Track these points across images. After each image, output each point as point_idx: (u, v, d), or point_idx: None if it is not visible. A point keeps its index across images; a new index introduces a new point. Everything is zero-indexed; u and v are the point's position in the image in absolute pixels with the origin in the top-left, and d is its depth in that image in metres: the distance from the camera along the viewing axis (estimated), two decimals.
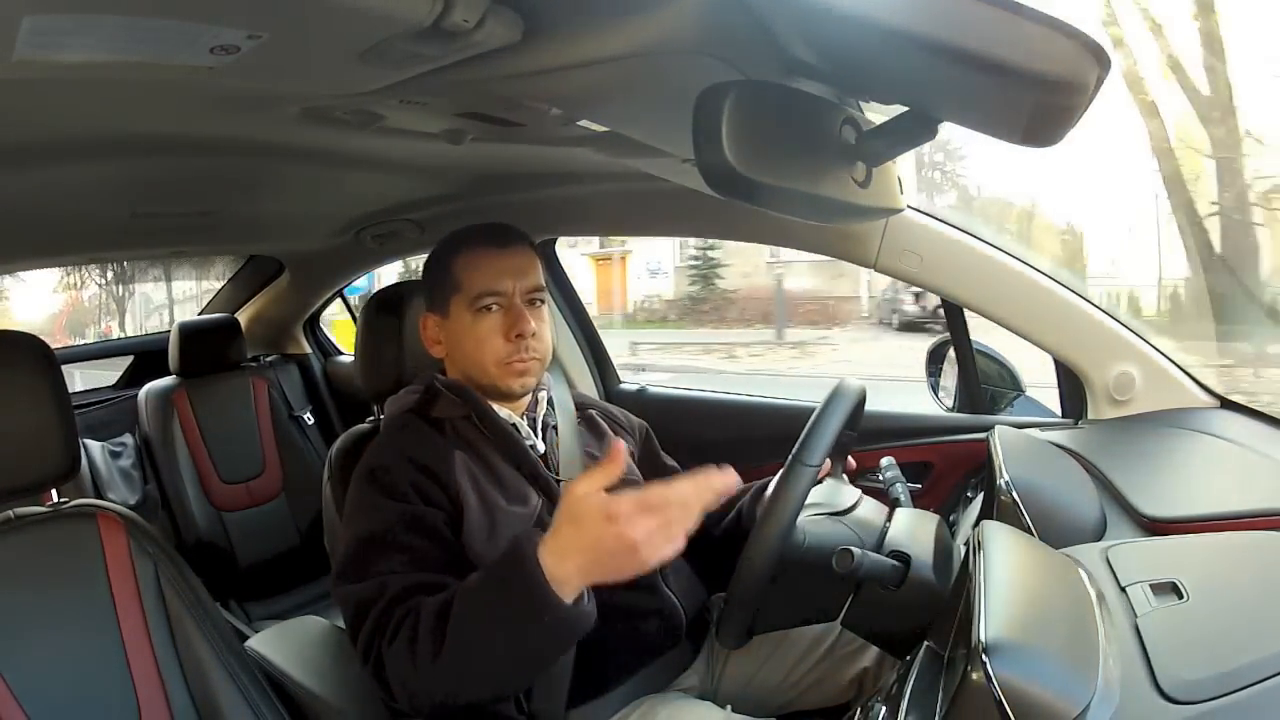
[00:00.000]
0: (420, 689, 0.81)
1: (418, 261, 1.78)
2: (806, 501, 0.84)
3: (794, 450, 0.80)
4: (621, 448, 0.74)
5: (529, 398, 1.08)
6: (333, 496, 1.14)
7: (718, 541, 1.11)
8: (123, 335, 6.38)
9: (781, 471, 0.84)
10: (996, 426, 1.05)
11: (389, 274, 3.13)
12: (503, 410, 1.04)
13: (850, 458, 1.10)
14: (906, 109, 0.68)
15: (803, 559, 0.79)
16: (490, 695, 0.84)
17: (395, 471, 0.95)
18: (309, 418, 2.30)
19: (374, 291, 1.49)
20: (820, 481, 1.00)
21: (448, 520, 0.94)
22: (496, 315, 1.01)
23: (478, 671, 0.78)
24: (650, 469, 1.19)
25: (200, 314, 2.55)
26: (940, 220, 1.25)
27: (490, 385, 1.03)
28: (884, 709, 0.67)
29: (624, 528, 0.70)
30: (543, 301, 1.05)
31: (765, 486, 0.81)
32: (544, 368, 1.06)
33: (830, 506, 0.87)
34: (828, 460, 0.96)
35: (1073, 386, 1.27)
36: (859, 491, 0.95)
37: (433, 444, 0.99)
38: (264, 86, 0.82)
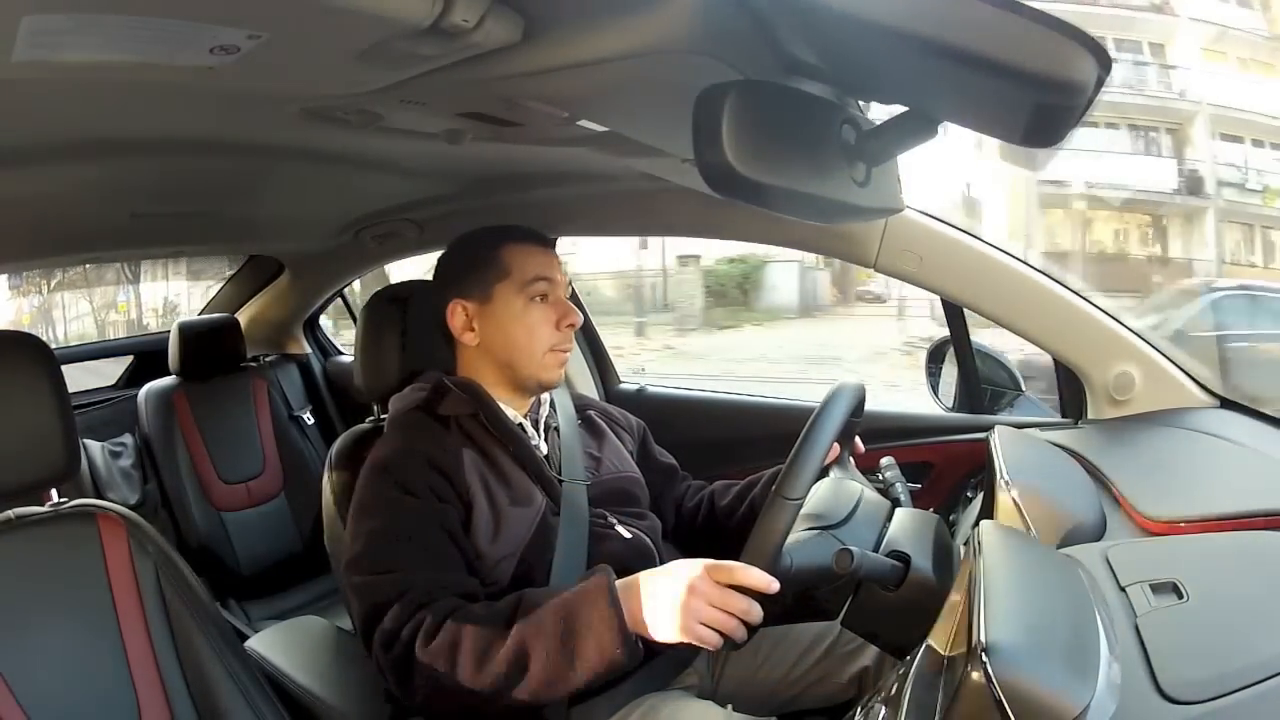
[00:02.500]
0: (450, 690, 0.82)
1: None
2: (805, 502, 0.84)
3: (776, 482, 0.80)
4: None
5: (531, 400, 1.08)
6: (333, 496, 1.14)
7: (731, 534, 1.11)
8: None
9: (765, 504, 0.83)
10: (996, 426, 1.05)
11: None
12: (509, 409, 1.04)
13: (858, 440, 1.09)
14: (906, 109, 0.68)
15: (792, 583, 0.79)
16: (518, 706, 0.84)
17: (408, 468, 0.95)
18: (309, 418, 2.29)
19: None
20: (826, 471, 0.99)
21: (458, 517, 0.95)
22: (547, 305, 1.04)
23: (524, 686, 0.80)
24: (645, 465, 1.19)
25: (200, 314, 2.55)
26: (940, 220, 1.25)
27: (532, 375, 1.04)
28: (884, 709, 0.67)
29: (696, 572, 0.77)
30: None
31: (775, 476, 0.81)
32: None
33: (825, 518, 0.86)
34: (835, 445, 0.96)
35: (1072, 386, 1.27)
36: (861, 487, 0.94)
37: (442, 441, 1.00)
38: (264, 86, 0.81)
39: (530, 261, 1.03)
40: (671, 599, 0.78)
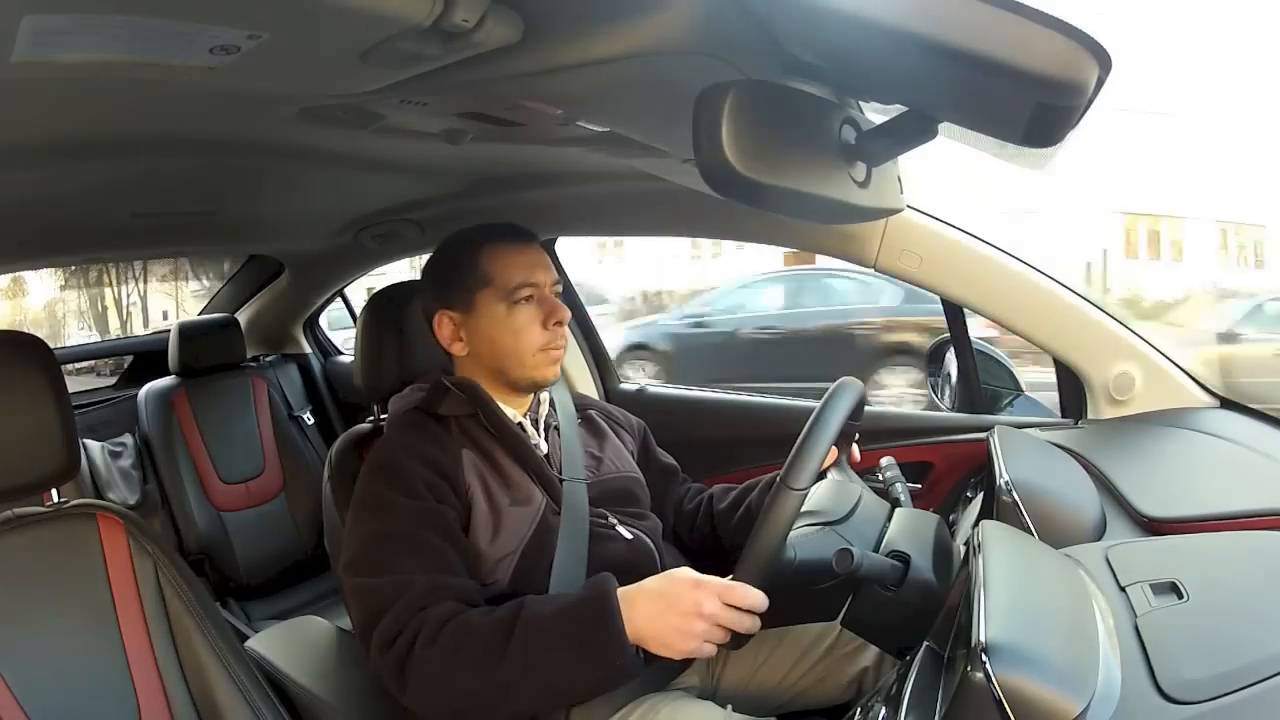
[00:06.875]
0: (448, 694, 0.82)
1: None
2: (807, 499, 0.84)
3: (781, 472, 0.80)
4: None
5: (531, 399, 1.08)
6: (333, 496, 1.14)
7: (729, 539, 1.12)
8: None
9: (770, 494, 0.83)
10: (996, 426, 1.05)
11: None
12: (508, 409, 1.04)
13: (856, 447, 1.09)
14: (906, 109, 0.68)
15: (795, 576, 0.79)
16: (515, 715, 0.84)
17: (407, 468, 0.95)
18: (309, 418, 2.30)
19: None
20: (824, 475, 0.99)
21: (457, 518, 0.95)
22: (532, 305, 1.02)
23: (523, 696, 0.80)
24: (646, 466, 1.20)
25: (200, 314, 2.55)
26: (940, 220, 1.25)
27: (525, 376, 1.03)
28: (884, 709, 0.67)
29: (703, 596, 0.77)
30: (561, 295, 1.06)
31: (773, 481, 0.81)
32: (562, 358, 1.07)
33: (827, 515, 0.86)
34: (833, 449, 0.96)
35: (1072, 386, 1.27)
36: (861, 488, 0.94)
37: (441, 442, 1.00)
38: (264, 86, 0.81)
39: (512, 267, 1.01)
40: (681, 624, 0.78)
